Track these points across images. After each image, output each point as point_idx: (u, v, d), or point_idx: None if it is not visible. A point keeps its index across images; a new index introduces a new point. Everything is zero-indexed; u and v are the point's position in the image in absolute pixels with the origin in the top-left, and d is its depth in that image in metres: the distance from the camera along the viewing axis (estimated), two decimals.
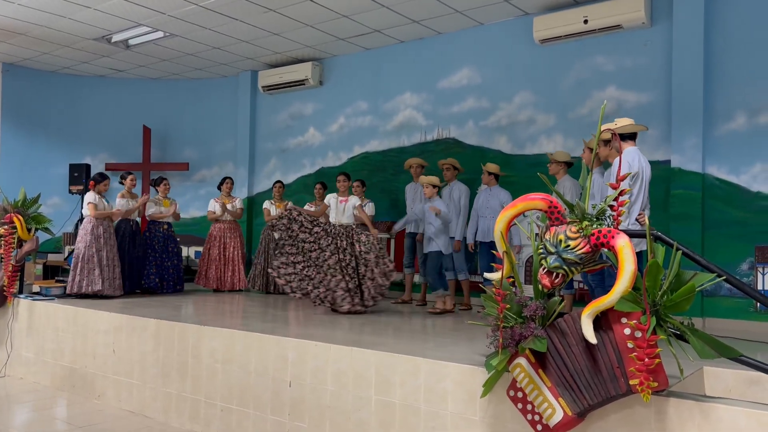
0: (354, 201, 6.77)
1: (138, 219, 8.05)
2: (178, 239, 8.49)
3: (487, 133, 7.84)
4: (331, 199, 6.87)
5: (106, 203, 7.41)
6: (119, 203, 7.62)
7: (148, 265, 7.95)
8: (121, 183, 7.92)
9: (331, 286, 6.24)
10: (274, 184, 8.87)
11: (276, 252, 6.49)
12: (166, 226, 8.20)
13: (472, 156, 7.76)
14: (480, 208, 6.99)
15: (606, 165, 5.36)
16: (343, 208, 6.75)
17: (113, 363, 5.67)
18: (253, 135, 10.27)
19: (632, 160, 4.67)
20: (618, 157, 4.58)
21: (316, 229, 6.41)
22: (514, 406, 3.31)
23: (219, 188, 8.77)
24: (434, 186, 6.58)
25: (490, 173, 6.93)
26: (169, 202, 8.22)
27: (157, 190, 8.25)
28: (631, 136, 4.83)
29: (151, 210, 8.05)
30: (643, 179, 4.71)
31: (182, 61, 9.78)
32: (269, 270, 6.62)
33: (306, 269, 6.31)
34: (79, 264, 7.00)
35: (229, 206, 8.60)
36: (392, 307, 7.19)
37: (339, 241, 6.39)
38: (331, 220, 6.70)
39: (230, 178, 8.81)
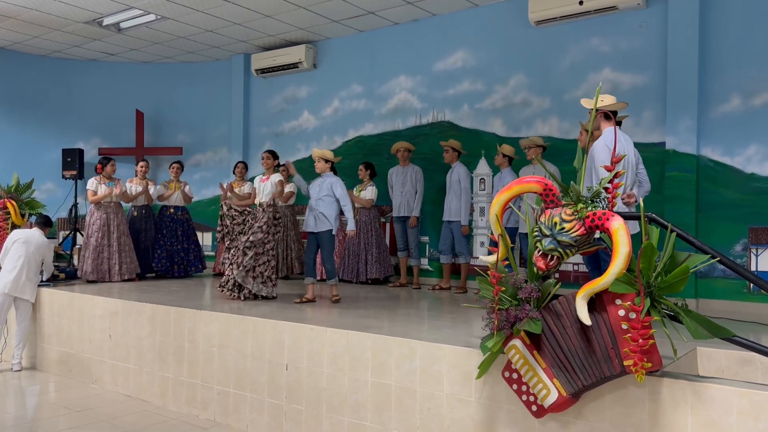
0: (275, 178, 6.32)
1: (143, 204, 8.13)
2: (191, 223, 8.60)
3: (483, 115, 7.80)
4: (256, 181, 6.56)
5: (105, 188, 7.47)
6: (128, 188, 7.86)
7: (159, 249, 8.15)
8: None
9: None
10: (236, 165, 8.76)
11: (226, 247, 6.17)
12: (172, 210, 8.27)
13: (468, 139, 7.72)
14: (494, 193, 7.03)
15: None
16: (263, 187, 6.39)
17: (110, 348, 5.69)
18: (247, 119, 10.19)
19: (612, 141, 4.62)
20: (601, 138, 4.55)
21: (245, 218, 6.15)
22: (509, 388, 3.33)
23: (234, 173, 8.83)
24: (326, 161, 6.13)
25: (504, 155, 6.89)
26: (178, 185, 8.35)
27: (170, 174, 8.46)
28: (613, 116, 4.78)
29: (156, 192, 8.22)
30: (627, 160, 4.68)
31: (174, 45, 9.68)
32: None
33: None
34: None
35: (237, 190, 8.62)
36: (388, 291, 7.21)
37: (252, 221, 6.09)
38: (256, 202, 6.43)
39: (243, 162, 8.84)
